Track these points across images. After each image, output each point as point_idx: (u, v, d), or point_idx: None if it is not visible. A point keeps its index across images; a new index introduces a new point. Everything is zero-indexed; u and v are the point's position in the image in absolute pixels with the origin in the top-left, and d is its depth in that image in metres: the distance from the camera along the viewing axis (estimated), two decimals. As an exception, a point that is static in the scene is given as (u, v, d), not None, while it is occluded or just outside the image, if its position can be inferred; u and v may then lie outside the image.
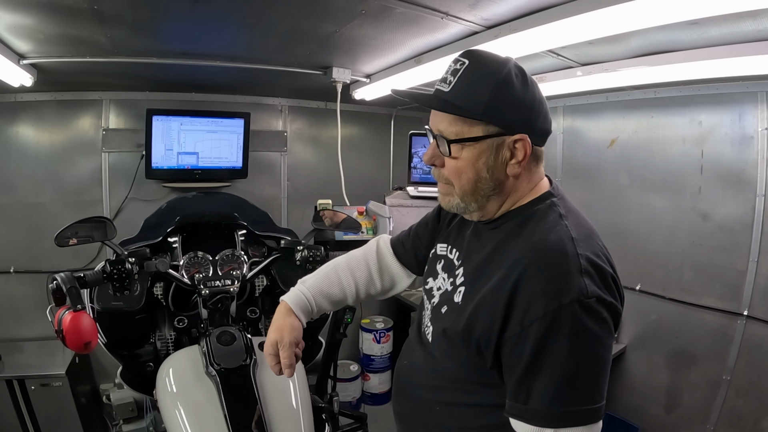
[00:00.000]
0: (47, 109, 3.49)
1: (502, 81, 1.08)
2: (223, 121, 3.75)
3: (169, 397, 1.80)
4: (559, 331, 1.00)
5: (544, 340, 1.01)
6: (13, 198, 3.48)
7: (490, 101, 1.08)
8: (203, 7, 1.87)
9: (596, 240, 1.13)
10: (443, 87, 1.14)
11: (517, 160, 1.13)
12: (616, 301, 1.06)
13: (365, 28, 2.10)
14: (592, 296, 1.01)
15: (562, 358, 1.00)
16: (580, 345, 1.01)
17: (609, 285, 1.06)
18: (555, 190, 1.22)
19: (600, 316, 1.02)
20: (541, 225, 1.13)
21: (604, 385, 1.04)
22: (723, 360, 2.78)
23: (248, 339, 1.94)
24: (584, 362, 1.01)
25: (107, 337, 2.11)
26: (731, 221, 2.74)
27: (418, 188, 3.14)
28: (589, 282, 1.02)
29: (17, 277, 3.50)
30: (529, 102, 1.12)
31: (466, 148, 1.13)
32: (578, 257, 1.04)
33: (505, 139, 1.11)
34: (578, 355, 1.01)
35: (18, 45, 2.31)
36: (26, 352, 3.39)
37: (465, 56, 1.13)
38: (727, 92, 2.70)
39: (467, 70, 1.11)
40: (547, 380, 1.02)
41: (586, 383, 1.01)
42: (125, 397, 3.20)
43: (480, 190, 1.17)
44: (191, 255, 2.34)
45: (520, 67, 1.13)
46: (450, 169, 1.18)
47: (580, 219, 1.17)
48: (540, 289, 1.03)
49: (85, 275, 1.80)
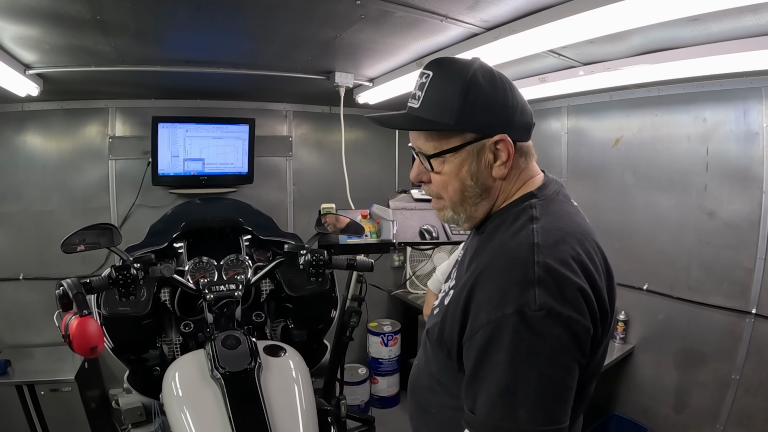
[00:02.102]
0: (54, 118, 3.53)
1: (469, 84, 1.06)
2: (228, 127, 3.77)
3: (175, 401, 1.80)
4: (500, 343, 0.95)
5: (486, 350, 0.97)
6: (21, 206, 3.52)
7: (460, 108, 1.06)
8: (205, 15, 1.89)
9: (572, 246, 1.03)
10: (414, 103, 1.13)
11: (502, 161, 1.11)
12: (579, 314, 0.96)
13: (366, 32, 2.10)
14: (542, 308, 0.93)
15: (501, 371, 0.94)
16: (520, 361, 0.93)
17: (570, 297, 0.96)
18: (541, 190, 1.16)
19: (548, 330, 0.93)
20: (509, 229, 1.09)
21: (556, 407, 0.95)
22: (732, 359, 2.77)
23: (253, 343, 1.94)
24: (525, 380, 0.93)
25: (114, 342, 2.13)
26: (738, 219, 2.73)
27: (422, 191, 3.14)
28: (541, 293, 0.94)
29: (26, 284, 3.54)
30: (501, 100, 1.09)
31: (447, 161, 1.12)
32: (534, 265, 0.97)
33: (485, 142, 1.09)
34: (517, 371, 0.93)
35: (24, 55, 2.33)
36: (36, 358, 3.42)
37: (428, 68, 1.12)
38: (731, 88, 2.69)
39: (433, 82, 1.10)
40: (486, 391, 0.97)
41: (526, 402, 0.93)
42: (134, 401, 3.20)
43: (468, 199, 1.15)
44: (196, 260, 2.36)
45: (485, 66, 1.11)
46: (437, 183, 1.17)
47: (558, 222, 1.08)
48: (486, 296, 1.00)
49: (91, 281, 1.81)
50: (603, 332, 1.05)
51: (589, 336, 0.98)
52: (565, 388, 0.96)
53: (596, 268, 1.04)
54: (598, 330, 1.01)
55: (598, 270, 1.05)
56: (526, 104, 1.15)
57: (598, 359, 1.11)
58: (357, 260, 2.31)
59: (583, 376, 1.01)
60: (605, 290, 1.05)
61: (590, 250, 1.06)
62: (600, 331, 1.03)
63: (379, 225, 2.68)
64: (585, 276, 1.00)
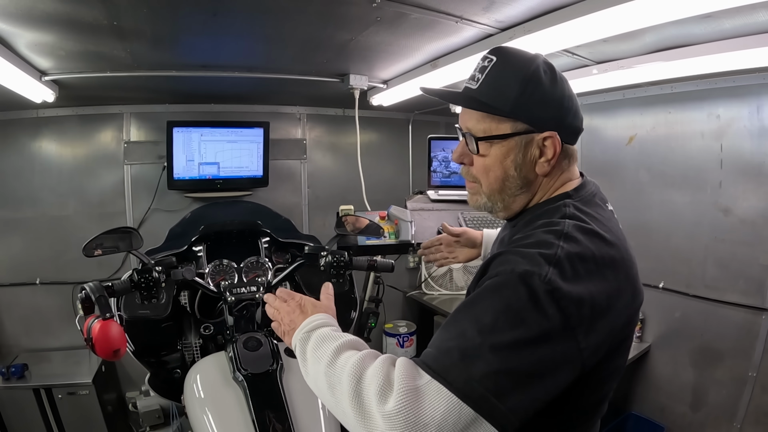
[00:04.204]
0: (69, 124, 3.57)
1: (530, 77, 1.07)
2: (243, 130, 3.79)
3: (197, 403, 1.82)
4: (496, 291, 0.93)
5: (481, 292, 0.95)
6: (38, 211, 3.56)
7: (518, 98, 1.07)
8: (222, 19, 1.91)
9: (599, 247, 1.00)
10: (471, 84, 1.13)
11: (547, 158, 1.11)
12: (578, 317, 0.91)
13: (381, 34, 2.12)
14: (549, 284, 0.89)
15: (479, 317, 0.90)
16: (503, 319, 0.88)
17: (578, 293, 0.92)
18: (577, 191, 1.15)
19: (544, 305, 0.88)
20: (541, 224, 1.06)
21: (513, 385, 0.85)
22: (749, 356, 2.75)
23: (274, 344, 1.96)
24: (500, 337, 0.86)
25: (135, 345, 2.14)
26: (753, 215, 2.72)
27: (439, 192, 3.15)
28: (554, 272, 0.91)
29: (43, 288, 3.56)
30: (558, 98, 1.10)
31: (494, 146, 1.12)
32: (557, 248, 0.95)
33: (534, 136, 1.09)
34: (495, 326, 0.88)
35: (40, 62, 2.36)
36: (53, 362, 3.45)
37: (493, 53, 1.13)
38: (744, 84, 2.68)
39: (495, 67, 1.10)
40: (456, 330, 0.92)
41: (488, 359, 0.85)
42: (152, 404, 3.24)
43: (507, 189, 1.15)
44: (216, 263, 2.37)
45: (549, 63, 1.12)
46: (478, 167, 1.16)
47: (592, 225, 1.04)
48: (505, 258, 0.98)
49: (113, 284, 1.82)
50: (613, 350, 1.02)
51: (577, 345, 0.91)
52: (534, 375, 0.87)
53: (617, 280, 1.01)
54: (596, 341, 0.94)
55: (619, 281, 1.02)
56: (579, 110, 1.15)
57: (607, 373, 1.07)
58: (377, 261, 2.31)
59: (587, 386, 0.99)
60: (626, 308, 1.03)
61: (621, 264, 1.04)
62: (601, 342, 0.96)
63: (398, 226, 2.70)
64: (600, 284, 0.96)
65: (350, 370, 0.94)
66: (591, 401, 1.10)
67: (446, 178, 3.24)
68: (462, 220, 2.88)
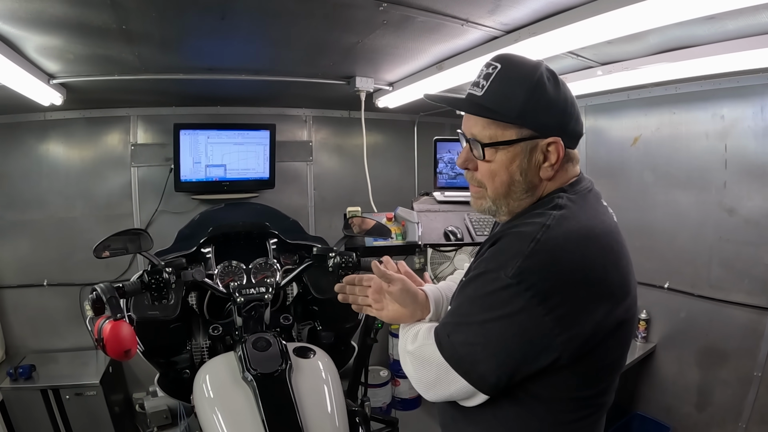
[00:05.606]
0: (76, 127, 3.59)
1: (536, 84, 1.09)
2: (249, 133, 3.81)
3: (206, 403, 1.83)
4: (471, 286, 1.12)
5: (463, 288, 1.16)
6: (45, 213, 3.58)
7: (524, 105, 1.08)
8: (229, 23, 1.93)
9: (584, 236, 1.07)
10: (476, 91, 1.15)
11: (551, 163, 1.13)
12: (544, 297, 1.01)
13: (387, 37, 2.13)
14: (515, 277, 1.01)
15: (464, 305, 1.14)
16: (479, 303, 1.09)
17: (551, 277, 1.02)
18: (572, 186, 1.18)
19: (514, 291, 1.01)
20: (530, 215, 1.13)
21: (482, 356, 1.07)
22: (754, 356, 2.76)
23: (284, 344, 1.97)
24: (474, 317, 1.09)
25: (144, 345, 2.16)
26: (758, 215, 2.73)
27: (445, 193, 3.16)
28: (524, 264, 1.02)
29: (51, 290, 3.59)
30: (561, 104, 1.12)
31: (499, 152, 1.13)
32: (533, 241, 1.03)
33: (539, 142, 1.11)
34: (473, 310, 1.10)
35: (48, 65, 2.38)
36: (60, 363, 3.47)
37: (497, 60, 1.14)
38: (748, 85, 2.69)
39: (500, 74, 1.12)
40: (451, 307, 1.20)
41: (467, 330, 1.09)
42: (159, 404, 3.26)
43: (513, 193, 1.17)
44: (225, 264, 2.38)
45: (551, 70, 1.14)
46: (483, 172, 1.18)
47: (580, 215, 1.11)
48: (485, 259, 1.11)
49: (123, 285, 1.83)
50: (600, 342, 1.06)
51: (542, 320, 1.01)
52: (503, 347, 1.06)
53: (605, 271, 1.07)
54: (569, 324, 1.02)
55: (607, 272, 1.07)
56: (580, 116, 1.19)
57: (602, 365, 1.12)
58: None
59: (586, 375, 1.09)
60: (609, 296, 1.06)
61: (605, 250, 1.09)
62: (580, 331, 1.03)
63: (405, 227, 2.71)
64: (577, 271, 1.03)
65: (412, 330, 1.27)
66: (588, 394, 1.13)
67: (452, 179, 3.24)
68: (468, 221, 2.89)
